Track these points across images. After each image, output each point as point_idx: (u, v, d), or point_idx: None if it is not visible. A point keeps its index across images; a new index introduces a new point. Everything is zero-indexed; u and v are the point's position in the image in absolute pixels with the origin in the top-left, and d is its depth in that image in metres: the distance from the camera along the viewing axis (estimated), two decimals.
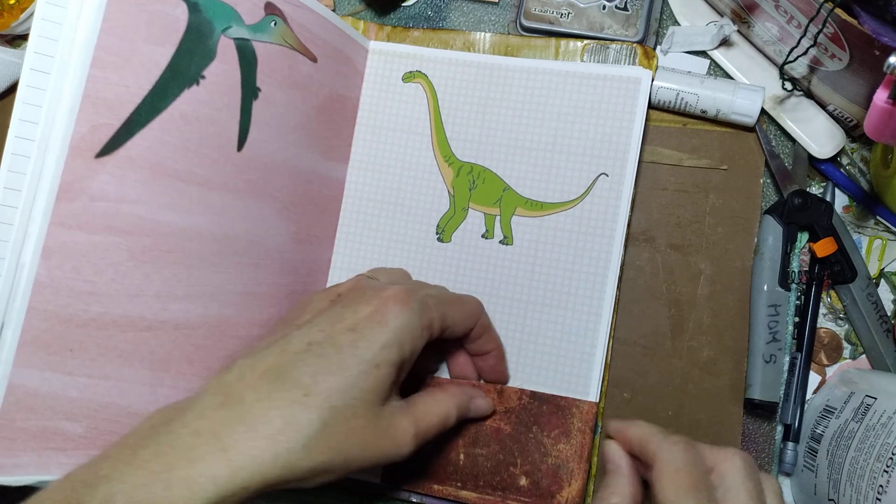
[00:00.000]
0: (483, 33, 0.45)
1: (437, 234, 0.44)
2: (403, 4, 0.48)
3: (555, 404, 0.41)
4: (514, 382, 0.42)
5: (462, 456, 0.42)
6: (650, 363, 0.44)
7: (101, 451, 0.34)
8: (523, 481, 0.41)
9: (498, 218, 0.44)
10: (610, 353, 0.43)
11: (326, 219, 0.44)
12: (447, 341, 0.40)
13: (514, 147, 0.44)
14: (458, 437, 0.42)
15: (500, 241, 0.43)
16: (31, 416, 0.33)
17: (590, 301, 0.42)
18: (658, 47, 0.46)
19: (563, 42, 0.44)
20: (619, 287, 0.42)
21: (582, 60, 0.44)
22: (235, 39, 0.37)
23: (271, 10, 0.38)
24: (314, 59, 0.41)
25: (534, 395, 0.42)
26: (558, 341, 0.42)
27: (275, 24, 0.38)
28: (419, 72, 0.45)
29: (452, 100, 0.45)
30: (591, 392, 0.41)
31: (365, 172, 0.45)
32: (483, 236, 0.44)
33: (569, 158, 0.43)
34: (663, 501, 0.31)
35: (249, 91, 0.38)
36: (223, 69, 0.36)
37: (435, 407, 0.37)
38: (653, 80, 0.43)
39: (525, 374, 0.42)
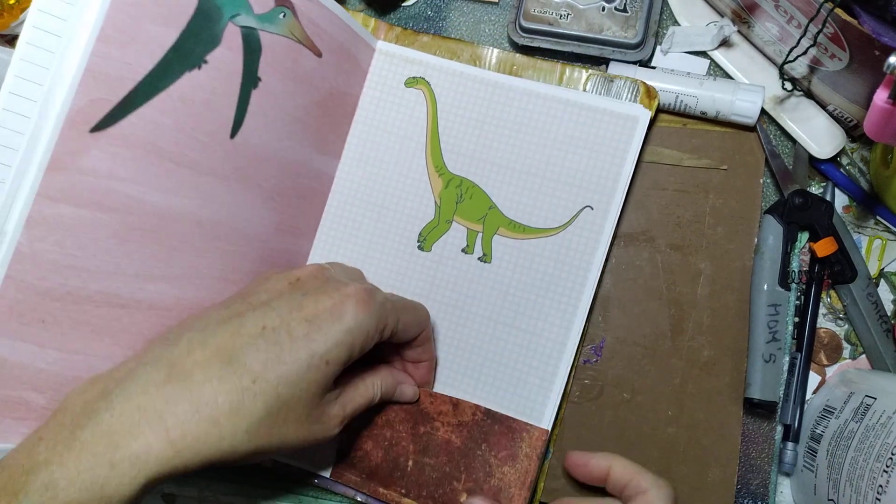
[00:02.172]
0: (491, 48, 0.45)
1: (418, 241, 0.44)
2: (403, 4, 0.48)
3: (507, 425, 0.41)
4: (471, 397, 0.43)
5: (411, 462, 0.42)
6: (650, 363, 0.44)
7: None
8: (463, 498, 0.41)
9: (480, 235, 0.44)
10: (571, 383, 0.43)
11: (310, 211, 0.44)
12: (385, 344, 0.40)
13: (505, 167, 0.44)
14: (410, 442, 0.42)
15: (479, 258, 0.44)
16: None
17: (557, 330, 0.42)
18: (658, 47, 0.46)
19: (568, 68, 0.44)
20: (588, 320, 0.43)
21: (585, 90, 0.44)
22: (242, 27, 0.37)
23: (282, 1, 0.38)
24: (319, 55, 0.41)
25: (488, 413, 0.42)
26: (521, 364, 0.42)
27: (284, 15, 0.38)
28: (422, 79, 0.45)
29: (451, 111, 0.45)
30: (544, 419, 0.42)
31: (355, 171, 0.45)
32: (463, 251, 0.44)
33: (557, 186, 0.43)
34: None
35: (250, 80, 0.38)
36: (226, 56, 0.36)
37: (363, 389, 0.38)
38: (652, 121, 0.43)
39: (483, 392, 0.43)
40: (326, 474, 0.43)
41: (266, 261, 0.42)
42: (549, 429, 0.41)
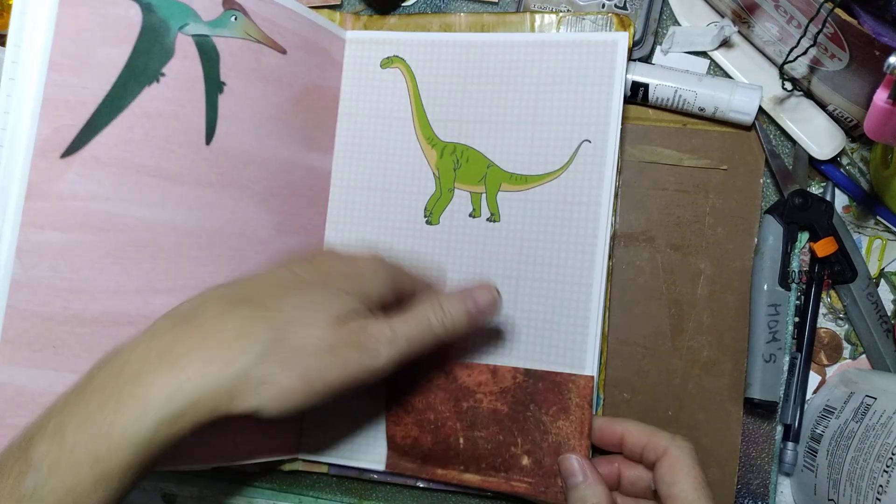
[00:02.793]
0: (459, 14, 0.45)
1: (425, 217, 0.44)
2: (403, 4, 0.48)
3: (550, 381, 0.41)
4: (508, 360, 0.42)
5: (462, 440, 0.42)
6: (650, 363, 0.44)
7: None
8: (525, 461, 0.41)
9: (484, 196, 0.43)
10: (608, 324, 0.43)
11: (313, 209, 0.44)
12: None
13: (495, 123, 0.43)
14: (457, 420, 0.42)
15: (488, 219, 0.43)
16: (21, 412, 0.33)
17: (580, 272, 0.41)
18: (658, 47, 0.46)
19: (538, 16, 0.44)
20: (611, 256, 0.42)
21: (558, 32, 0.43)
22: (194, 36, 0.38)
23: (230, 5, 0.39)
24: (283, 51, 0.41)
25: (528, 373, 0.41)
26: (551, 315, 0.42)
27: (235, 18, 0.39)
28: (397, 56, 0.45)
29: (431, 81, 0.45)
30: (586, 366, 0.41)
31: (351, 161, 0.45)
32: (470, 215, 0.43)
33: (550, 129, 0.42)
34: (679, 494, 0.34)
35: (214, 85, 0.38)
36: (183, 65, 0.37)
37: (414, 313, 0.34)
38: (630, 46, 0.42)
39: (520, 353, 0.42)
40: (381, 468, 0.43)
41: (271, 262, 0.42)
42: (594, 374, 0.41)
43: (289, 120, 0.42)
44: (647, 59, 0.46)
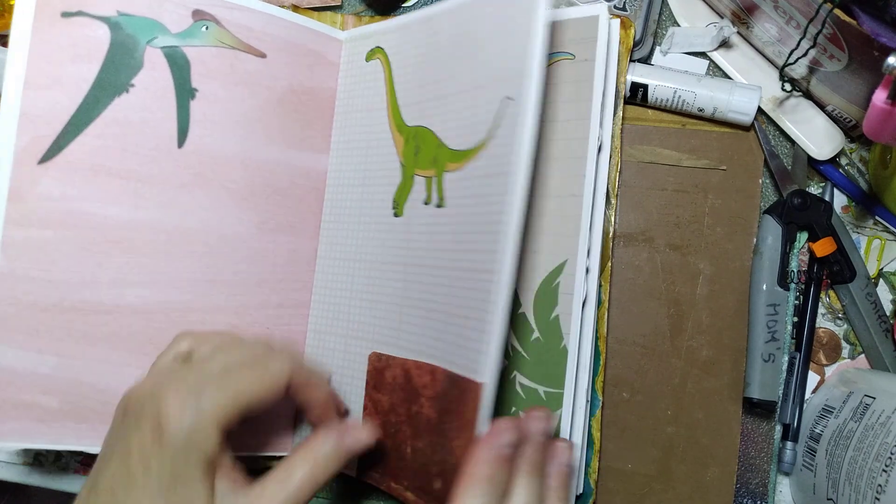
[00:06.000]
0: None
1: (393, 209, 0.41)
2: (403, 5, 0.48)
3: (459, 388, 0.34)
4: (439, 361, 0.36)
5: (409, 449, 0.37)
6: (649, 363, 0.44)
7: (78, 422, 0.35)
8: (438, 484, 0.35)
9: (435, 179, 0.39)
10: (607, 324, 0.41)
11: (304, 208, 0.44)
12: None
13: (442, 98, 0.40)
14: (408, 425, 0.37)
15: (437, 205, 0.38)
16: (9, 388, 0.38)
17: (483, 255, 0.34)
18: (658, 48, 0.46)
19: None
20: (611, 256, 0.41)
21: None
22: (163, 48, 0.40)
23: (200, 16, 0.41)
24: (262, 55, 0.42)
25: (447, 376, 0.35)
26: (462, 310, 0.35)
27: (206, 28, 0.41)
28: (378, 47, 0.44)
29: (402, 65, 0.43)
30: (480, 370, 0.33)
31: (343, 159, 0.45)
32: (424, 202, 0.39)
33: (483, 92, 0.37)
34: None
35: (185, 92, 0.41)
36: (153, 76, 0.40)
37: (283, 482, 0.32)
38: (630, 46, 0.40)
39: (445, 353, 0.36)
40: (353, 474, 0.41)
41: (256, 261, 0.42)
42: (488, 381, 0.32)
43: (270, 121, 0.43)
44: (646, 59, 0.46)
